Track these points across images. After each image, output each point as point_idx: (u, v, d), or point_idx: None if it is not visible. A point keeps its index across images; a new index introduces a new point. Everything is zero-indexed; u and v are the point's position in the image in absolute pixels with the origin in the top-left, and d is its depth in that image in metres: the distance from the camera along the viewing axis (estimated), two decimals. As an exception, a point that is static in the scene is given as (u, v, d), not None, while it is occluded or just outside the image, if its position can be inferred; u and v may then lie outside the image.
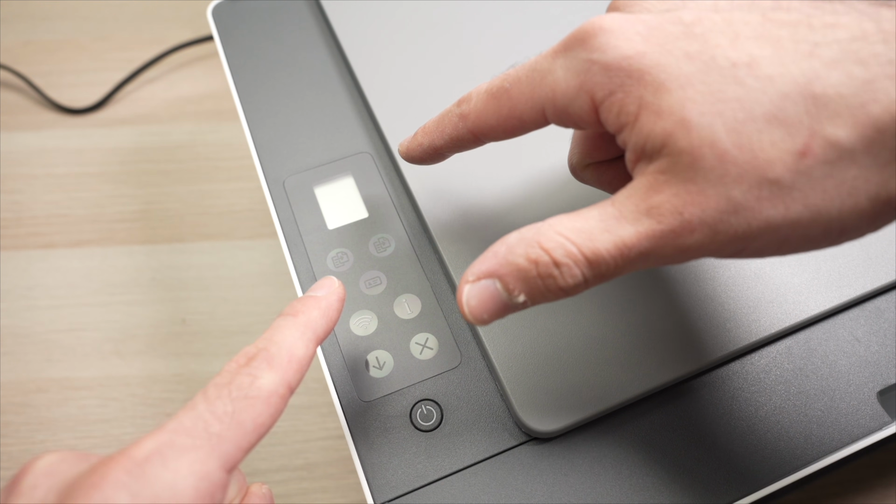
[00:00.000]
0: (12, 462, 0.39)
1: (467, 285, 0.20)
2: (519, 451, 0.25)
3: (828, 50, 0.17)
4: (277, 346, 0.21)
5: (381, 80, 0.34)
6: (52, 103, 0.54)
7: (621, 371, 0.25)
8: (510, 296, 0.20)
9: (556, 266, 0.19)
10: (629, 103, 0.18)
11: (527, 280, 0.19)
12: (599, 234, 0.18)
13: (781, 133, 0.17)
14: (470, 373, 0.27)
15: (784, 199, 0.17)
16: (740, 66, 0.17)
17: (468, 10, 0.36)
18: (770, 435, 0.25)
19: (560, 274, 0.19)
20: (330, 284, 0.24)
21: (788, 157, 0.17)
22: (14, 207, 0.49)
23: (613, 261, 0.18)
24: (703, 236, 0.18)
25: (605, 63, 0.19)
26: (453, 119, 0.24)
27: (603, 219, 0.19)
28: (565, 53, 0.20)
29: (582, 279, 0.19)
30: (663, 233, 0.18)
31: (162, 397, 0.41)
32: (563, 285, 0.19)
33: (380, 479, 0.25)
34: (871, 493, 0.34)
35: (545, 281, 0.19)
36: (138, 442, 0.18)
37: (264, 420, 0.19)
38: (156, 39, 0.58)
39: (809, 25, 0.17)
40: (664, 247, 0.18)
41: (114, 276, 0.45)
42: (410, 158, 0.27)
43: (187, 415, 0.19)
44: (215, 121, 0.53)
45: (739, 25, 0.18)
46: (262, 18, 0.39)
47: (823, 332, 0.27)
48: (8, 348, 0.43)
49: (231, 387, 0.19)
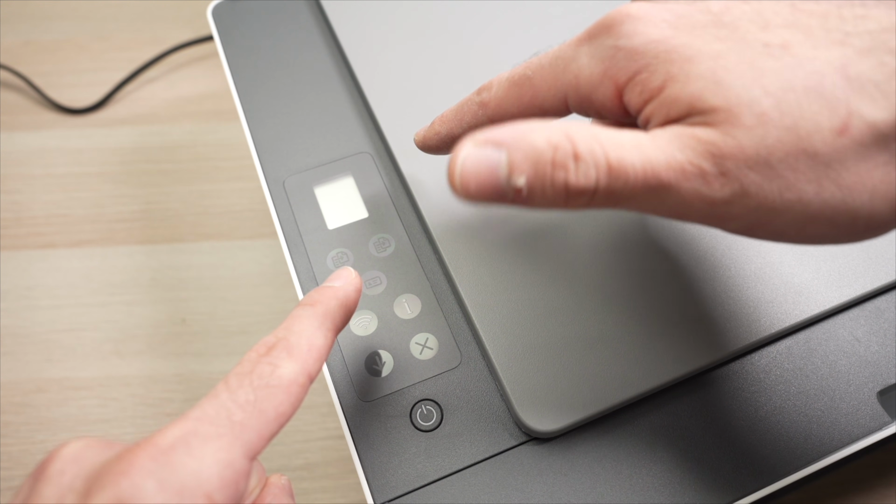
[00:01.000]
0: (12, 462, 0.39)
1: (470, 145, 0.18)
2: (519, 451, 0.25)
3: (858, 40, 0.17)
4: (297, 336, 0.21)
5: (381, 80, 0.34)
6: (52, 103, 0.54)
7: (621, 371, 0.25)
8: (510, 176, 0.18)
9: (575, 158, 0.17)
10: (653, 80, 0.18)
11: (537, 163, 0.17)
12: (630, 149, 0.17)
13: (820, 106, 0.16)
14: (470, 373, 0.27)
15: (819, 176, 0.16)
16: (773, 47, 0.17)
17: (468, 9, 0.36)
18: (770, 435, 0.25)
19: (575, 168, 0.17)
20: (347, 275, 0.24)
21: (827, 133, 0.16)
22: (14, 207, 0.49)
23: (634, 180, 0.17)
24: (731, 192, 0.17)
25: (630, 48, 0.18)
26: (473, 107, 0.23)
27: (636, 139, 0.18)
28: (590, 41, 0.20)
29: (593, 185, 0.17)
30: (693, 173, 0.17)
31: (162, 397, 0.41)
32: (573, 183, 0.17)
33: (380, 479, 0.25)
34: (871, 493, 0.34)
35: (555, 171, 0.17)
36: (163, 430, 0.18)
37: (285, 409, 0.19)
38: (156, 39, 0.58)
39: (840, 16, 0.17)
40: (688, 190, 0.17)
41: (114, 276, 0.45)
42: (426, 148, 0.26)
43: (210, 403, 0.19)
44: (215, 121, 0.53)
45: (769, 14, 0.18)
46: (262, 18, 0.39)
47: (823, 332, 0.27)
48: (8, 348, 0.43)
49: (252, 375, 0.19)
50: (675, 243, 0.28)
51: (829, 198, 0.17)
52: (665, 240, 0.28)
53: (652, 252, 0.28)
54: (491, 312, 0.27)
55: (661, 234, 0.28)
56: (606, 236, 0.29)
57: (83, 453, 0.18)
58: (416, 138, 0.27)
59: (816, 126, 0.16)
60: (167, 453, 0.17)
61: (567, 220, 0.29)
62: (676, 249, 0.28)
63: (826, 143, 0.16)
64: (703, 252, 0.28)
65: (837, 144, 0.16)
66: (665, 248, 0.28)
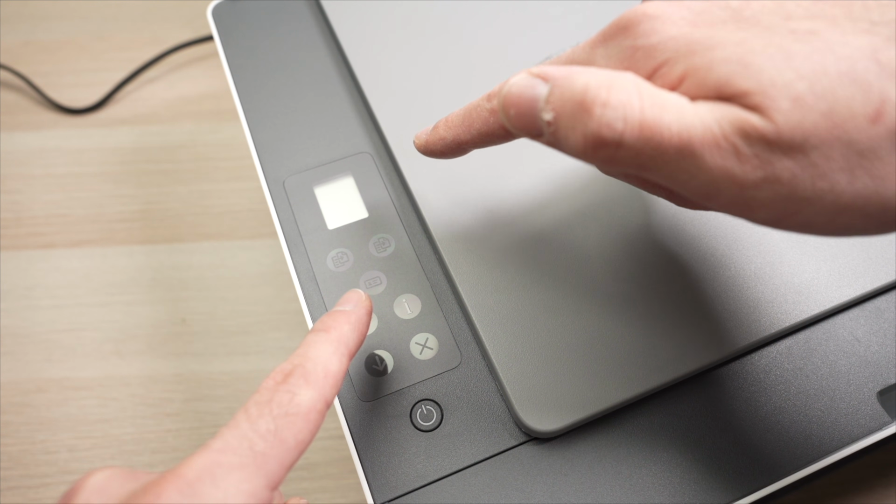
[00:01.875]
0: (12, 462, 0.39)
1: (523, 74, 0.19)
2: (519, 451, 0.25)
3: (885, 28, 0.16)
4: (313, 363, 0.21)
5: (381, 80, 0.34)
6: (52, 103, 0.54)
7: (621, 371, 0.25)
8: (543, 105, 0.18)
9: (604, 106, 0.17)
10: (674, 72, 0.17)
11: (567, 101, 0.18)
12: (671, 109, 0.17)
13: (854, 91, 0.16)
14: (470, 373, 0.27)
15: (852, 165, 0.16)
16: (800, 34, 0.17)
17: (468, 9, 0.36)
18: (770, 435, 0.25)
19: (601, 115, 0.17)
20: (357, 298, 0.24)
21: (862, 120, 0.15)
22: (14, 207, 0.49)
23: (668, 142, 0.17)
24: (763, 176, 0.16)
25: (649, 46, 0.18)
26: (483, 114, 0.23)
27: (679, 102, 0.17)
28: (606, 43, 0.19)
29: (617, 136, 0.17)
30: (727, 150, 0.16)
31: (162, 397, 0.41)
32: (594, 129, 0.17)
33: (380, 479, 0.25)
34: (871, 493, 0.34)
35: (580, 113, 0.17)
36: (187, 461, 0.18)
37: (304, 437, 0.19)
38: (156, 39, 0.58)
39: (864, 5, 0.17)
40: (720, 167, 0.17)
41: (114, 276, 0.45)
42: (429, 152, 0.26)
43: (231, 433, 0.19)
44: (215, 121, 0.53)
45: (791, 7, 0.17)
46: (262, 18, 0.39)
47: (823, 332, 0.27)
48: (8, 348, 0.43)
49: (272, 405, 0.19)
50: (675, 243, 0.28)
51: (861, 188, 0.16)
52: (665, 240, 0.28)
53: (652, 252, 0.28)
54: (491, 312, 0.27)
55: (660, 234, 0.28)
56: (606, 236, 0.29)
57: (108, 483, 0.18)
58: (418, 142, 0.26)
59: (851, 112, 0.16)
60: (193, 485, 0.17)
61: (567, 222, 0.29)
62: (676, 249, 0.28)
63: (860, 131, 0.16)
64: (703, 252, 0.28)
65: (872, 133, 0.16)
66: (665, 248, 0.28)
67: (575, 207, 0.29)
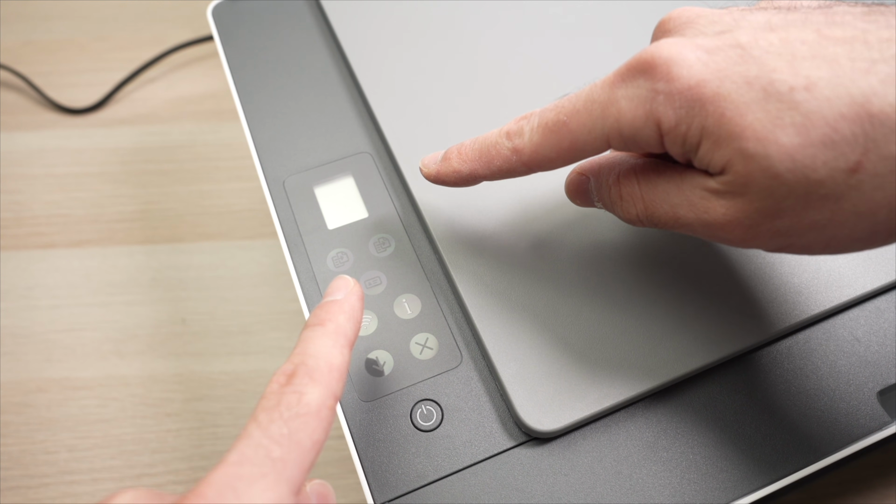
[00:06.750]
0: (12, 462, 0.39)
1: (573, 173, 0.26)
2: (519, 451, 0.25)
3: (885, 66, 0.17)
4: (315, 359, 0.20)
5: (381, 80, 0.34)
6: (52, 103, 0.54)
7: (621, 371, 0.25)
8: (594, 195, 0.25)
9: (619, 198, 0.23)
10: (692, 135, 0.19)
11: (605, 198, 0.24)
12: (661, 193, 0.22)
13: (834, 153, 0.17)
14: (470, 373, 0.27)
15: (831, 206, 0.18)
16: (798, 90, 0.18)
17: (468, 10, 0.36)
18: (769, 435, 0.25)
19: (621, 204, 0.24)
20: (346, 285, 0.24)
21: (839, 175, 0.17)
22: (14, 207, 0.49)
23: (665, 219, 0.22)
24: (748, 238, 0.20)
25: (669, 92, 0.19)
26: (504, 152, 0.24)
27: (666, 187, 0.22)
28: (625, 83, 0.20)
29: (635, 216, 0.23)
30: (708, 223, 0.20)
31: (162, 397, 0.41)
32: (619, 214, 0.24)
33: (380, 479, 0.25)
34: (871, 493, 0.34)
35: (613, 205, 0.24)
36: (206, 479, 0.18)
37: (319, 436, 0.19)
38: (156, 39, 0.58)
39: (865, 42, 0.18)
40: (707, 234, 0.21)
41: (114, 276, 0.45)
42: (439, 181, 0.26)
43: (245, 444, 0.18)
44: (215, 121, 0.53)
45: (796, 45, 0.18)
46: (262, 18, 0.39)
47: (823, 332, 0.27)
48: (8, 348, 0.43)
49: (281, 408, 0.19)
50: (675, 243, 0.28)
51: (843, 220, 0.18)
52: (665, 240, 0.28)
53: (651, 253, 0.28)
54: (491, 312, 0.27)
55: (660, 234, 0.28)
56: (606, 237, 0.29)
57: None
58: (426, 171, 0.26)
59: (829, 171, 0.17)
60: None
61: (567, 221, 0.29)
62: (675, 250, 0.28)
63: (838, 183, 0.17)
64: (703, 252, 0.28)
65: (851, 181, 0.17)
66: (664, 249, 0.28)
67: (575, 207, 0.29)
